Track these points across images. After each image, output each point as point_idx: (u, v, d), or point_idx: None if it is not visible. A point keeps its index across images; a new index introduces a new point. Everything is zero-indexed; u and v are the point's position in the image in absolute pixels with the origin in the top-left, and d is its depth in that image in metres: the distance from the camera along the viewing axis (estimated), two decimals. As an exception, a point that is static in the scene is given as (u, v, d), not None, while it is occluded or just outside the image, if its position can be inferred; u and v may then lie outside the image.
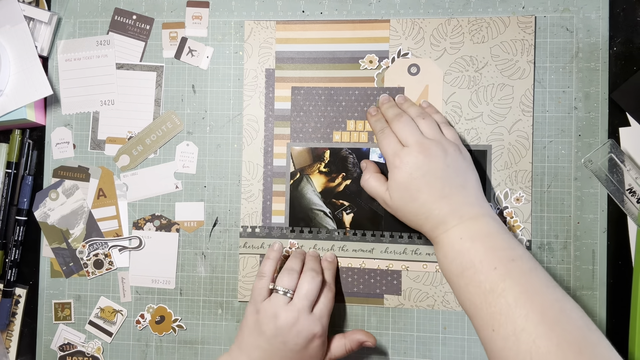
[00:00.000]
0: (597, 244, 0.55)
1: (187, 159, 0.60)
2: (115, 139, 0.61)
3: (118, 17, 0.61)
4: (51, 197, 0.61)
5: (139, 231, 0.60)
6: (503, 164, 0.56)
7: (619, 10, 0.55)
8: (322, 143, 0.58)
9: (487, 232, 0.45)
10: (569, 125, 0.55)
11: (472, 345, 0.56)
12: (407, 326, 0.57)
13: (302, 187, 0.58)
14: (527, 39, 0.56)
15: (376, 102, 0.57)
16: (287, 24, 0.59)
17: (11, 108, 0.57)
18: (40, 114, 0.60)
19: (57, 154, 0.61)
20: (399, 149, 0.49)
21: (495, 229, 0.46)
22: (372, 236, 0.57)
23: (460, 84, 0.56)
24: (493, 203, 0.56)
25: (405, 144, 0.49)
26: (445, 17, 0.57)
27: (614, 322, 0.54)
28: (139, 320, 0.60)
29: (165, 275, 0.60)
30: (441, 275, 0.56)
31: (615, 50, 0.55)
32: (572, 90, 0.55)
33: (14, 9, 0.58)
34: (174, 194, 0.60)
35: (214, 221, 0.59)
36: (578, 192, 0.55)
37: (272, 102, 0.59)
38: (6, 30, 0.57)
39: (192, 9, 0.60)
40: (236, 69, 0.59)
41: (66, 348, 0.61)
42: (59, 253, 0.61)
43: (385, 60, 0.57)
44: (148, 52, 0.60)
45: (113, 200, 0.60)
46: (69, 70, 0.61)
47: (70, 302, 0.61)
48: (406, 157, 0.48)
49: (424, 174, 0.47)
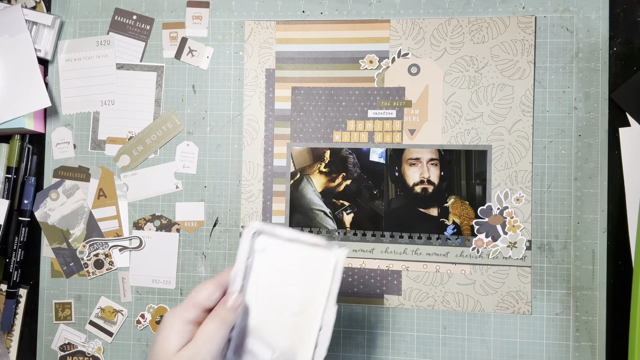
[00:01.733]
0: (597, 244, 0.55)
1: (188, 159, 0.60)
2: (115, 139, 0.61)
3: (118, 17, 0.61)
4: (51, 197, 0.61)
5: (139, 231, 0.60)
6: (503, 164, 0.56)
7: (619, 10, 0.55)
8: (322, 143, 0.58)
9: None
10: (569, 125, 0.55)
11: (472, 345, 0.56)
12: (407, 326, 0.57)
13: (302, 187, 0.58)
14: (527, 39, 0.56)
15: None
16: (287, 24, 0.59)
17: (9, 117, 0.57)
18: (39, 122, 0.60)
19: (57, 154, 0.61)
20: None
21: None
22: (373, 236, 0.57)
23: (460, 84, 0.56)
24: (493, 203, 0.56)
25: None
26: (445, 17, 0.57)
27: (614, 322, 0.54)
28: (140, 320, 0.60)
29: (165, 275, 0.60)
30: (441, 275, 0.56)
31: (615, 50, 0.55)
32: (572, 90, 0.55)
33: (16, 18, 0.58)
34: (174, 194, 0.60)
35: (214, 221, 0.59)
36: (578, 192, 0.55)
37: (272, 102, 0.59)
38: (4, 41, 0.57)
39: (192, 9, 0.60)
40: (236, 69, 0.59)
41: (67, 348, 0.61)
42: (59, 253, 0.61)
43: (385, 60, 0.57)
44: (148, 52, 0.60)
45: (113, 200, 0.60)
46: (69, 71, 0.61)
47: (70, 302, 0.61)
48: None
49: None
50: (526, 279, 0.55)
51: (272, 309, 0.47)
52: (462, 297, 0.56)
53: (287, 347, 0.46)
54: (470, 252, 0.56)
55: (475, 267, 0.56)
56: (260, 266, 0.46)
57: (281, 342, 0.47)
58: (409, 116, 0.57)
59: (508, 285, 0.55)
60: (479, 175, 0.56)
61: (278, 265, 0.46)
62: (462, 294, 0.56)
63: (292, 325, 0.46)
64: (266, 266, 0.46)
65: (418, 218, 0.57)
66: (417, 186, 0.57)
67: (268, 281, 0.46)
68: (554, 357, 0.55)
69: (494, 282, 0.56)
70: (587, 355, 0.54)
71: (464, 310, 0.56)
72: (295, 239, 0.46)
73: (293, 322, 0.46)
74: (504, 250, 0.56)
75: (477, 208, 0.56)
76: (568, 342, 0.55)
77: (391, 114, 0.57)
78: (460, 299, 0.56)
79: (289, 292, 0.46)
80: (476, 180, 0.56)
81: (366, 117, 0.58)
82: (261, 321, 0.47)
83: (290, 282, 0.46)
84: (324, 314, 0.45)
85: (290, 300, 0.46)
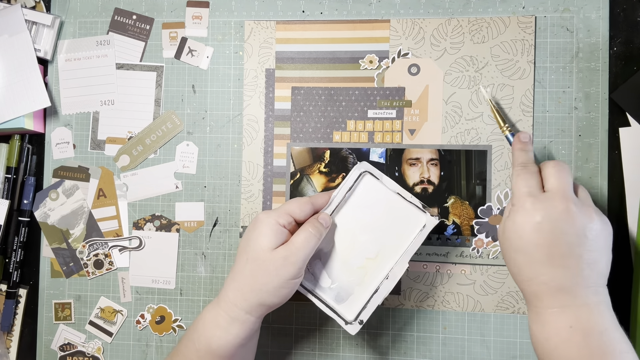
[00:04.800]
0: (597, 244, 0.55)
1: (187, 159, 0.60)
2: (115, 139, 0.61)
3: (118, 17, 0.61)
4: (51, 197, 0.61)
5: (139, 231, 0.60)
6: (503, 164, 0.56)
7: (619, 10, 0.55)
8: (322, 143, 0.58)
9: (602, 328, 0.40)
10: (569, 125, 0.55)
11: (472, 345, 0.56)
12: (407, 326, 0.57)
13: (302, 188, 0.58)
14: (527, 39, 0.55)
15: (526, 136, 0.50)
16: (287, 24, 0.59)
17: (9, 117, 0.57)
18: (39, 122, 0.60)
19: (57, 154, 0.61)
20: (537, 191, 0.43)
21: (610, 324, 0.40)
22: (372, 236, 0.57)
23: (460, 84, 0.56)
24: (493, 203, 0.56)
25: (548, 189, 0.43)
26: (445, 17, 0.57)
27: (614, 322, 0.54)
28: (139, 321, 0.60)
29: (165, 275, 0.60)
30: (441, 275, 0.56)
31: (616, 50, 0.55)
32: (572, 90, 0.55)
33: (16, 18, 0.58)
34: (174, 194, 0.60)
35: (214, 221, 0.59)
36: (578, 192, 0.55)
37: (272, 102, 0.59)
38: (3, 40, 0.57)
39: (192, 9, 0.60)
40: (236, 69, 0.59)
41: (66, 348, 0.61)
42: (59, 253, 0.61)
43: (385, 60, 0.57)
44: (148, 52, 0.60)
45: (113, 201, 0.60)
46: (69, 70, 0.61)
47: (70, 302, 0.61)
48: (544, 202, 0.42)
49: (552, 229, 0.41)
50: (526, 279, 0.55)
51: (348, 245, 0.51)
52: (462, 297, 0.56)
53: (347, 284, 0.51)
54: (470, 252, 0.56)
55: (475, 267, 0.56)
56: (356, 202, 0.51)
57: (343, 277, 0.51)
58: (409, 116, 0.57)
59: (508, 285, 0.55)
60: (479, 175, 0.56)
61: (371, 208, 0.50)
62: (462, 294, 0.56)
63: (359, 267, 0.51)
64: (361, 205, 0.51)
65: (418, 218, 0.57)
66: (417, 186, 0.57)
67: (356, 218, 0.51)
68: (554, 357, 0.55)
69: (494, 282, 0.56)
70: (587, 355, 0.54)
71: (464, 311, 0.56)
72: (396, 191, 0.50)
73: (362, 265, 0.50)
74: (504, 250, 0.56)
75: (477, 208, 0.56)
76: (568, 342, 0.55)
77: (391, 114, 0.57)
78: (460, 299, 0.56)
79: (370, 235, 0.50)
80: (476, 180, 0.56)
81: (366, 117, 0.57)
82: (335, 251, 0.51)
83: (375, 226, 0.50)
84: (394, 266, 0.50)
85: (368, 243, 0.50)
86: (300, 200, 0.49)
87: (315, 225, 0.48)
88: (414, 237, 0.50)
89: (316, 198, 0.50)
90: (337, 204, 0.50)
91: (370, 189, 0.51)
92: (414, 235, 0.50)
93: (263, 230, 0.47)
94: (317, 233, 0.47)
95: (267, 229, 0.47)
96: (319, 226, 0.48)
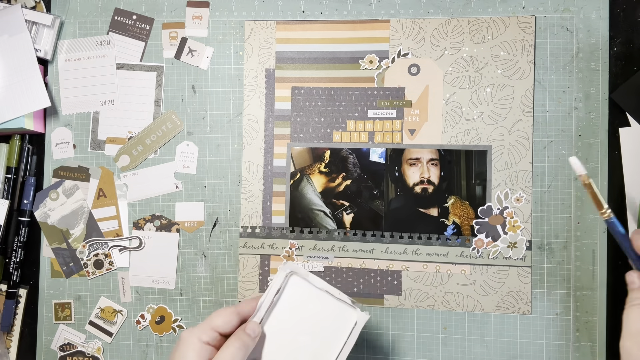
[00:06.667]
0: (597, 244, 0.55)
1: (187, 159, 0.60)
2: (115, 139, 0.61)
3: (118, 17, 0.61)
4: (51, 197, 0.61)
5: (139, 231, 0.60)
6: (503, 164, 0.56)
7: (619, 10, 0.55)
8: (322, 143, 0.58)
9: None
10: (569, 125, 0.55)
11: (472, 345, 0.56)
12: (407, 326, 0.57)
13: (302, 187, 0.58)
14: (527, 39, 0.55)
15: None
16: (287, 24, 0.59)
17: (9, 117, 0.57)
18: (39, 122, 0.60)
19: (57, 154, 0.61)
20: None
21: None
22: (372, 236, 0.57)
23: (460, 84, 0.56)
24: (493, 203, 0.56)
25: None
26: (445, 17, 0.57)
27: (614, 322, 0.54)
28: (139, 321, 0.60)
29: (165, 275, 0.60)
30: (441, 276, 0.56)
31: (615, 50, 0.55)
32: (572, 90, 0.55)
33: (16, 18, 0.58)
34: (174, 194, 0.60)
35: (214, 221, 0.59)
36: (578, 192, 0.55)
37: (272, 102, 0.59)
38: (3, 41, 0.57)
39: (192, 9, 0.60)
40: (236, 69, 0.59)
41: (66, 348, 0.61)
42: (59, 253, 0.61)
43: (385, 60, 0.57)
44: (148, 52, 0.60)
45: (113, 201, 0.60)
46: (69, 71, 0.61)
47: (70, 302, 0.61)
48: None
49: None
50: (526, 279, 0.55)
51: (283, 351, 0.48)
52: (462, 297, 0.56)
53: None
54: (470, 252, 0.56)
55: (475, 267, 0.56)
56: (285, 305, 0.48)
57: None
58: (409, 116, 0.57)
59: (508, 285, 0.55)
60: (479, 176, 0.56)
61: (301, 310, 0.48)
62: (462, 294, 0.56)
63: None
64: (290, 307, 0.48)
65: (418, 218, 0.57)
66: (417, 186, 0.57)
67: (287, 323, 0.48)
68: (554, 357, 0.55)
69: (494, 282, 0.56)
70: (587, 355, 0.54)
71: (464, 311, 0.56)
72: (324, 289, 0.48)
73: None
74: (504, 250, 0.56)
75: (477, 208, 0.56)
76: (568, 342, 0.55)
77: (391, 114, 0.57)
78: (460, 299, 0.56)
79: (303, 339, 0.48)
80: (476, 180, 0.56)
81: (366, 117, 0.58)
82: (269, 358, 0.47)
83: (308, 329, 0.48)
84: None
85: (302, 347, 0.48)
86: (225, 312, 0.46)
87: (242, 338, 0.45)
88: (346, 337, 0.47)
89: (242, 306, 0.47)
90: (265, 309, 0.47)
91: (298, 289, 0.48)
92: (347, 334, 0.47)
93: (185, 352, 0.44)
94: (244, 347, 0.44)
95: (190, 349, 0.44)
96: (245, 338, 0.45)
